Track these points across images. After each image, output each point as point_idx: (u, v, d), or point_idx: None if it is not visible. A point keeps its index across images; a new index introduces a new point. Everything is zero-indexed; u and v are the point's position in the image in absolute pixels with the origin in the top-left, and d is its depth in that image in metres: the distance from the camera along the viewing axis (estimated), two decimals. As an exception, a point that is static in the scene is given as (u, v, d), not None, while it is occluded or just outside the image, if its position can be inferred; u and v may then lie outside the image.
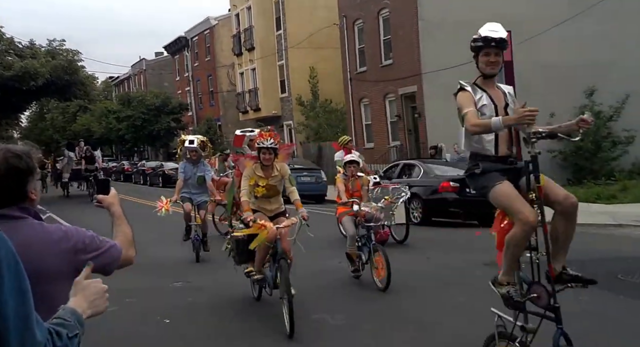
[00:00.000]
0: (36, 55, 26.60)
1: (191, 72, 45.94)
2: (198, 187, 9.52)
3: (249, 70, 36.32)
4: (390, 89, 23.59)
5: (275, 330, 5.60)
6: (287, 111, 33.87)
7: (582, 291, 6.72)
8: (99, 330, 5.50)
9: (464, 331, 5.48)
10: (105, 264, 2.09)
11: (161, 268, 8.89)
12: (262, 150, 6.00)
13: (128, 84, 58.05)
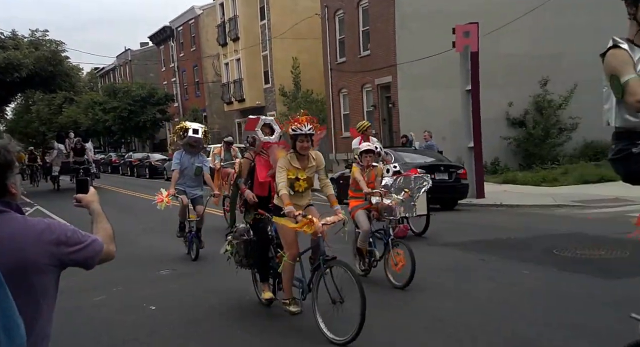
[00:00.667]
0: (19, 46, 26.44)
1: (177, 63, 46.26)
2: (194, 179, 8.95)
3: (233, 60, 36.78)
4: (368, 79, 24.29)
5: (263, 313, 6.03)
6: (270, 102, 34.47)
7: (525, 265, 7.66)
8: (87, 318, 6.07)
9: (425, 305, 6.09)
10: (87, 257, 2.10)
11: (148, 257, 9.24)
12: (299, 138, 5.32)
13: (113, 74, 58.21)
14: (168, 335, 5.47)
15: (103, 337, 5.50)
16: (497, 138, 20.98)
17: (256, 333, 5.43)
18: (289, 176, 5.38)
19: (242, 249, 6.20)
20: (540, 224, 11.25)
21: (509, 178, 19.11)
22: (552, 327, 5.28)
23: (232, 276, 7.52)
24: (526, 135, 21.75)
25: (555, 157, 21.25)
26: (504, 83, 21.18)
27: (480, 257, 8.36)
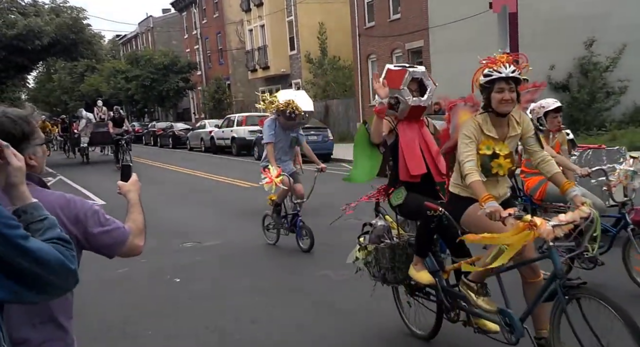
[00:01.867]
0: (40, 12, 26.81)
1: (199, 30, 46.06)
2: (288, 151, 7.68)
3: (257, 27, 36.43)
4: (398, 44, 23.79)
5: (284, 285, 6.00)
6: (295, 69, 34.14)
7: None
8: (111, 290, 6.08)
9: None
10: (106, 244, 2.03)
11: (171, 230, 9.19)
12: (496, 86, 3.61)
13: (135, 42, 58.34)
14: (192, 308, 5.41)
15: (127, 309, 5.46)
16: (538, 103, 20.41)
17: (287, 311, 5.32)
18: (481, 151, 3.61)
19: (384, 259, 4.34)
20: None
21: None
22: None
23: (258, 252, 7.52)
24: (570, 100, 20.87)
25: (602, 123, 20.33)
26: (545, 45, 20.44)
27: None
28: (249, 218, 9.95)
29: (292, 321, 4.98)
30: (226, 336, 4.68)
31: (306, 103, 7.47)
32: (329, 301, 5.45)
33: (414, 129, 4.38)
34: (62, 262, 1.55)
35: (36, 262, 1.49)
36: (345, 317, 5.02)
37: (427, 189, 4.32)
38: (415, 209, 4.18)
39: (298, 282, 6.11)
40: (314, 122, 23.06)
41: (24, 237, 1.50)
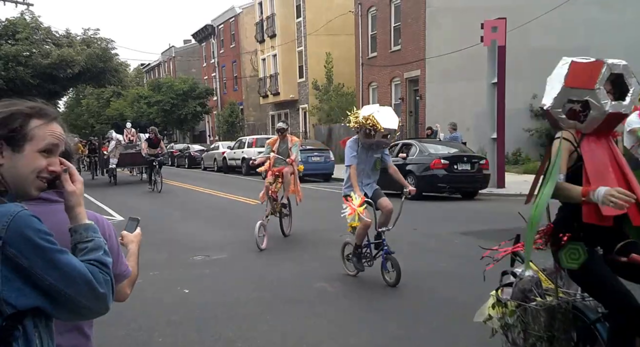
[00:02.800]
0: (72, 43, 27.11)
1: (217, 59, 46.60)
2: (371, 175, 6.44)
3: (270, 56, 36.85)
4: (397, 73, 24.03)
5: (285, 297, 6.02)
6: (303, 95, 34.42)
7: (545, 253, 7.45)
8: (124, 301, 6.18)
9: (446, 293, 6.13)
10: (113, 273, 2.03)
11: (182, 243, 9.25)
12: None
13: (158, 70, 59.01)
14: (201, 317, 5.48)
15: (140, 318, 5.53)
16: (520, 130, 20.51)
17: (287, 320, 5.39)
18: None
19: (537, 324, 2.94)
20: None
21: (529, 168, 18.69)
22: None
23: (262, 266, 7.59)
24: (548, 127, 21.19)
25: None
26: (529, 76, 20.59)
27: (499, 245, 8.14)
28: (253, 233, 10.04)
29: (293, 330, 5.04)
30: (231, 344, 4.75)
31: (388, 119, 6.17)
32: (324, 311, 5.52)
33: (604, 147, 2.89)
34: (89, 282, 1.47)
35: (62, 277, 1.43)
36: (338, 327, 5.08)
37: (617, 236, 2.82)
38: (605, 288, 2.68)
39: (296, 293, 6.18)
40: (318, 145, 23.25)
41: (59, 251, 1.45)
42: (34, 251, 1.41)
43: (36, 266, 1.41)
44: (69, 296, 1.45)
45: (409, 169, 14.32)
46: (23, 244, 1.40)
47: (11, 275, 1.40)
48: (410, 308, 5.54)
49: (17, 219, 1.42)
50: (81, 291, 1.46)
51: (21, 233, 1.41)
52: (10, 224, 1.41)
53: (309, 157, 20.56)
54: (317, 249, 8.50)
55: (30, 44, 26.14)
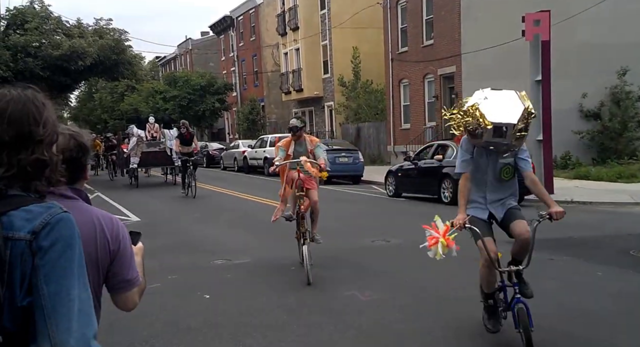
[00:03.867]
0: (84, 34, 27.29)
1: (236, 52, 46.79)
2: (499, 186, 4.78)
3: (292, 50, 36.87)
4: (430, 69, 23.84)
5: (311, 304, 6.01)
6: (328, 92, 34.38)
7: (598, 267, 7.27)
8: (142, 304, 6.17)
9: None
10: (124, 277, 1.86)
11: (202, 247, 9.29)
12: None
13: (174, 63, 59.53)
14: (222, 324, 5.45)
15: (157, 323, 5.52)
16: (569, 131, 20.13)
17: (315, 330, 5.31)
18: None
19: None
20: (616, 222, 10.71)
21: (581, 173, 18.32)
22: (632, 332, 4.94)
23: (287, 271, 7.54)
24: (601, 129, 20.77)
25: (633, 152, 20.12)
26: (577, 73, 20.30)
27: (549, 256, 7.97)
28: (278, 237, 9.98)
29: (318, 339, 4.98)
30: (253, 353, 4.70)
31: (500, 109, 4.44)
32: (355, 321, 5.44)
33: None
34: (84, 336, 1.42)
35: (57, 300, 1.40)
36: (370, 338, 5.00)
37: None
38: None
39: (325, 301, 6.10)
40: (346, 145, 23.16)
41: (84, 277, 1.46)
42: (62, 255, 1.41)
43: (47, 270, 1.39)
44: (42, 324, 1.38)
45: (445, 172, 14.16)
46: (54, 244, 1.41)
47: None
48: (448, 319, 5.42)
49: (59, 218, 1.44)
50: (62, 333, 1.38)
51: (58, 234, 1.42)
52: (51, 221, 1.42)
53: (336, 158, 20.48)
54: (346, 255, 8.42)
55: (39, 35, 26.38)
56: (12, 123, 1.47)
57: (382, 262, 7.89)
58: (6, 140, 1.45)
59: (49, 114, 1.54)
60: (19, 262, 1.39)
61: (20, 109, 1.47)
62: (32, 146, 1.48)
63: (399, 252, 8.52)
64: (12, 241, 1.39)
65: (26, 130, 1.47)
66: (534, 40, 14.88)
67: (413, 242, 9.06)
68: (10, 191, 1.45)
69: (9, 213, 1.41)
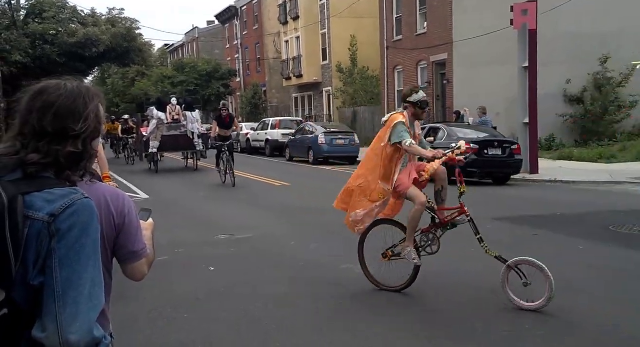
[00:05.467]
0: (97, 23, 27.35)
1: (240, 41, 46.44)
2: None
3: (293, 38, 36.57)
4: (423, 56, 23.60)
5: (311, 277, 5.95)
6: (327, 78, 34.14)
7: (579, 241, 7.22)
8: (150, 275, 6.13)
9: (476, 280, 5.89)
10: (131, 249, 1.72)
11: (207, 223, 9.20)
12: None
13: (182, 51, 59.08)
14: (225, 295, 5.40)
15: (165, 294, 5.48)
16: (553, 115, 20.01)
17: (315, 301, 5.28)
18: None
19: None
20: (597, 200, 10.65)
21: (564, 154, 18.27)
22: (610, 302, 4.91)
23: (288, 245, 7.50)
24: (584, 112, 20.67)
25: (613, 134, 20.11)
26: (562, 60, 20.11)
27: (533, 232, 7.94)
28: (279, 214, 9.96)
29: (321, 311, 4.94)
30: (256, 322, 4.66)
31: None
32: (352, 291, 5.41)
33: None
34: (89, 322, 1.38)
35: (70, 283, 1.36)
36: (368, 309, 4.96)
37: None
38: None
39: (323, 274, 6.07)
40: (343, 128, 23.03)
41: (97, 260, 1.42)
42: (78, 240, 1.38)
43: (62, 254, 1.36)
44: (52, 305, 1.35)
45: (436, 153, 14.08)
46: (72, 229, 1.37)
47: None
48: (440, 291, 5.39)
49: (80, 204, 1.40)
50: (68, 314, 1.35)
51: (77, 219, 1.38)
52: (72, 206, 1.39)
53: (334, 140, 20.40)
54: (341, 231, 8.36)
55: (56, 23, 26.44)
56: (57, 117, 1.45)
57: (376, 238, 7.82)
58: (49, 132, 1.44)
59: (94, 109, 1.51)
60: (35, 241, 1.36)
61: (69, 105, 1.46)
62: (72, 140, 1.46)
63: (393, 228, 8.46)
64: (31, 220, 1.37)
65: (69, 124, 1.46)
66: (522, 29, 14.74)
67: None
68: (41, 174, 1.43)
69: (32, 193, 1.39)
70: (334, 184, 14.87)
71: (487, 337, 4.26)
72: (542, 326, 4.44)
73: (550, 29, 17.96)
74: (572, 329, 4.38)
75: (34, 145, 1.44)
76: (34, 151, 1.43)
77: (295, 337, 4.34)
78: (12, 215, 1.33)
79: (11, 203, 1.34)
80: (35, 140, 1.44)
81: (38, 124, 1.44)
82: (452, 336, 4.30)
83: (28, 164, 1.41)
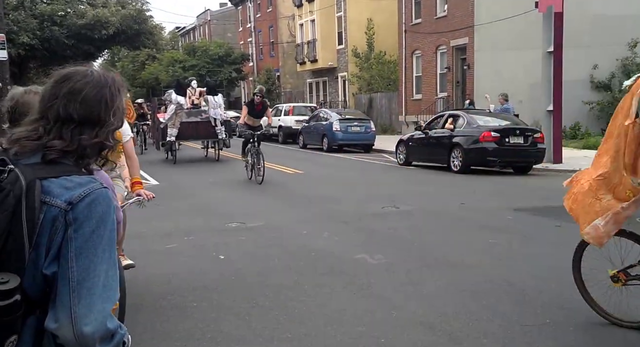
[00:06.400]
0: (107, 4, 27.50)
1: (253, 23, 46.29)
2: None
3: (308, 21, 36.35)
4: (443, 40, 23.35)
5: (321, 267, 5.93)
6: (342, 63, 33.95)
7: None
8: (159, 262, 6.12)
9: (493, 271, 5.84)
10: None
11: (217, 211, 9.20)
12: None
13: (193, 34, 59.09)
14: (235, 283, 5.41)
15: (174, 281, 5.50)
16: (579, 102, 19.72)
17: (326, 291, 5.26)
18: None
19: None
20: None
21: (590, 144, 18.00)
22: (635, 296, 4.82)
23: (299, 234, 7.49)
24: (611, 100, 20.26)
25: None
26: (589, 45, 19.78)
27: (556, 223, 7.83)
28: (291, 202, 9.95)
29: (332, 302, 4.92)
30: (265, 311, 4.66)
31: None
32: (364, 283, 5.38)
33: None
34: (104, 317, 1.39)
35: (85, 274, 1.36)
36: (381, 300, 4.93)
37: None
38: None
39: (335, 263, 6.04)
40: (358, 114, 22.93)
41: (112, 253, 1.42)
42: (95, 231, 1.38)
43: (79, 244, 1.36)
44: (66, 296, 1.35)
45: (456, 141, 13.98)
46: (89, 219, 1.38)
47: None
48: (456, 283, 5.33)
49: (98, 193, 1.40)
50: (85, 309, 1.35)
51: (94, 209, 1.38)
52: (90, 195, 1.39)
53: (349, 127, 20.33)
54: (357, 220, 8.35)
55: (65, 4, 26.52)
56: (84, 104, 1.46)
57: (392, 227, 7.80)
58: (74, 119, 1.45)
59: (121, 103, 1.53)
60: (49, 227, 1.36)
61: (96, 93, 1.47)
62: (97, 129, 1.47)
63: (409, 218, 8.42)
64: (47, 206, 1.37)
65: (95, 114, 1.47)
66: (547, 12, 14.52)
67: (422, 209, 9.06)
68: (61, 160, 1.43)
69: (49, 179, 1.39)
70: (348, 172, 14.90)
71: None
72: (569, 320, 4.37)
73: (576, 11, 17.65)
74: (597, 324, 4.32)
75: (57, 132, 1.44)
76: (57, 137, 1.43)
77: (305, 327, 4.33)
78: (29, 199, 1.33)
79: (29, 187, 1.34)
80: (58, 126, 1.44)
81: (63, 110, 1.44)
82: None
83: (51, 149, 1.42)
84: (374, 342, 4.03)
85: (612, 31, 19.88)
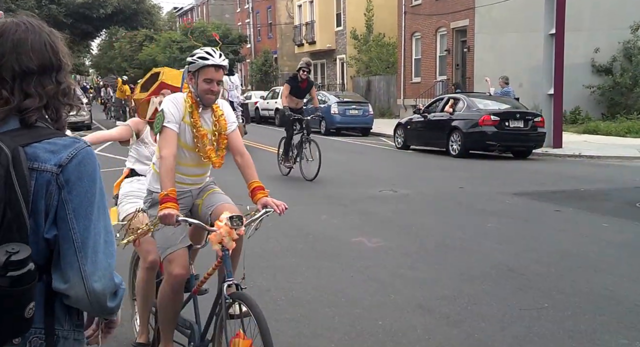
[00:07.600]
0: (105, -18, 27.35)
1: (251, 4, 45.83)
2: None
3: (306, 2, 35.96)
4: (443, 22, 23.15)
5: (319, 250, 5.94)
6: (341, 45, 33.69)
7: (603, 218, 7.12)
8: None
9: (492, 255, 5.83)
10: None
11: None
12: None
13: (191, 15, 58.62)
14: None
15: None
16: (580, 86, 19.61)
17: (323, 274, 5.25)
18: None
19: None
20: (623, 176, 10.51)
21: (590, 128, 17.97)
22: (634, 281, 4.83)
23: (297, 218, 7.45)
24: (612, 84, 20.16)
25: None
26: (590, 28, 19.62)
27: (555, 207, 7.82)
28: (288, 185, 9.90)
29: (329, 284, 4.91)
30: (264, 293, 4.64)
31: None
32: (362, 266, 5.37)
33: None
34: (109, 267, 1.43)
35: (87, 232, 1.39)
36: (378, 283, 4.92)
37: None
38: None
39: (333, 247, 6.03)
40: (356, 97, 22.80)
41: (105, 208, 1.44)
42: (89, 190, 1.40)
43: (76, 205, 1.38)
44: (72, 257, 1.38)
45: (455, 125, 13.92)
46: (81, 179, 1.39)
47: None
48: (455, 267, 5.33)
49: (84, 152, 1.41)
50: (93, 263, 1.39)
51: (84, 168, 1.39)
52: (78, 155, 1.39)
53: (347, 110, 20.22)
54: (354, 204, 8.32)
55: (63, -18, 26.21)
56: (35, 52, 1.42)
57: (390, 211, 7.77)
58: (34, 70, 1.41)
59: (60, 42, 1.50)
60: (43, 193, 1.37)
61: (39, 39, 1.43)
62: (55, 74, 1.45)
63: (406, 201, 8.40)
64: (38, 172, 1.36)
65: (47, 58, 1.44)
66: (549, -6, 14.37)
67: (420, 193, 9.04)
68: (36, 124, 1.41)
69: (32, 145, 1.37)
70: (346, 155, 14.84)
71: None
72: (564, 305, 4.37)
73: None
74: (595, 308, 4.31)
75: (20, 90, 1.39)
76: (25, 96, 1.39)
77: (303, 308, 4.32)
78: (17, 167, 1.32)
79: (14, 155, 1.33)
80: (18, 84, 1.39)
81: (18, 65, 1.39)
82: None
83: (28, 111, 1.39)
84: (372, 325, 4.02)
85: (614, 14, 19.71)
